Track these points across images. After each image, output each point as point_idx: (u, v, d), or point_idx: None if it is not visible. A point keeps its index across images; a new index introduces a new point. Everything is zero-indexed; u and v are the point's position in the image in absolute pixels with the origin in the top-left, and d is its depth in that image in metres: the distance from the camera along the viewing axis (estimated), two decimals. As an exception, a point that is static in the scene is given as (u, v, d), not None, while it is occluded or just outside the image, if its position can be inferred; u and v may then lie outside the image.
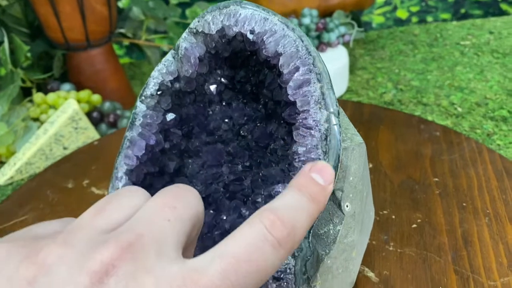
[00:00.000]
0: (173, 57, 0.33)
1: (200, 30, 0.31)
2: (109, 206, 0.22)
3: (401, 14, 1.00)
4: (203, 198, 0.34)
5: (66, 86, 0.69)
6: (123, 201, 0.22)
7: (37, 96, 0.65)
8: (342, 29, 0.73)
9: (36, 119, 0.66)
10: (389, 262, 0.39)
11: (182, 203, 0.22)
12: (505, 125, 0.60)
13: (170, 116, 0.34)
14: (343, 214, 0.30)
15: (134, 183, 0.34)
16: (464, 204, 0.44)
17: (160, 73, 0.34)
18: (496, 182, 0.46)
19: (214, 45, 0.31)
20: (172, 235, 0.20)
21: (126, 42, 0.78)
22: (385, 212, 0.44)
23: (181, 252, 0.21)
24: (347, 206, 0.30)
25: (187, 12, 0.74)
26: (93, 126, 0.65)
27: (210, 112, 0.35)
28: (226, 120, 0.35)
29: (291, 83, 0.28)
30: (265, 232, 0.20)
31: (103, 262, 0.18)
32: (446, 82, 0.71)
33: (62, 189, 0.53)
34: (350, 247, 0.32)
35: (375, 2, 0.98)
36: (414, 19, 0.98)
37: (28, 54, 0.72)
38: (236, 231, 0.21)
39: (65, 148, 0.62)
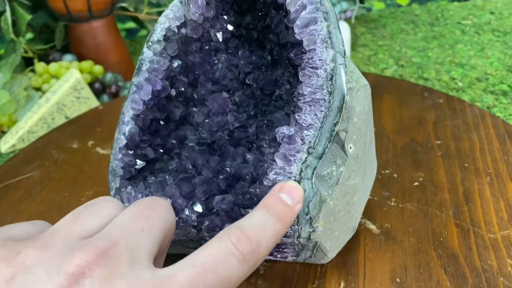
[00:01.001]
0: (180, 2, 0.33)
1: (208, -29, 0.31)
2: (85, 214, 0.23)
3: (402, 0, 1.00)
4: (209, 145, 0.35)
5: (68, 57, 0.69)
6: (99, 210, 0.24)
7: (39, 66, 0.65)
8: (344, 5, 0.74)
9: (38, 89, 0.67)
10: (391, 216, 0.39)
11: (155, 214, 0.24)
12: (505, 99, 0.60)
13: (176, 63, 0.35)
14: (346, 155, 0.31)
15: (140, 128, 0.34)
16: (466, 164, 0.45)
17: (167, 19, 0.34)
18: (498, 144, 0.47)
19: (221, -13, 0.32)
20: (145, 244, 0.22)
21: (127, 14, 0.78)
22: (387, 171, 0.45)
23: (152, 261, 0.22)
24: (350, 147, 0.31)
25: None
26: (95, 96, 0.65)
27: (216, 61, 0.36)
28: (232, 69, 0.35)
29: (298, 22, 0.29)
30: (231, 247, 0.22)
31: (80, 265, 0.20)
32: (446, 58, 0.72)
33: (67, 149, 0.53)
34: (352, 190, 0.32)
35: None
36: (415, 5, 0.98)
37: (30, 29, 0.72)
38: (207, 244, 0.23)
39: (66, 118, 0.63)
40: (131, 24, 1.00)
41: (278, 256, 0.35)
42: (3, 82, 0.63)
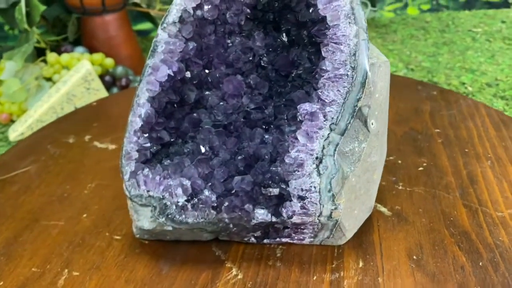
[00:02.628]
0: (197, -17, 0.33)
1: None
2: None
3: (412, 11, 1.00)
4: (224, 127, 0.35)
5: (80, 49, 0.69)
6: None
7: (51, 56, 0.65)
8: None
9: (48, 79, 0.67)
10: (400, 199, 0.40)
11: None
12: None
13: (191, 45, 0.35)
14: (369, 131, 0.31)
15: (156, 111, 0.34)
16: (466, 150, 0.46)
17: (183, 0, 0.34)
18: (495, 131, 0.48)
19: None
20: None
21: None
22: (391, 158, 0.45)
23: None
24: (372, 123, 0.31)
25: None
26: (105, 88, 0.65)
27: (230, 44, 0.36)
28: (246, 51, 0.35)
29: (321, -2, 0.29)
30: None
31: None
32: (457, 64, 0.72)
33: (63, 144, 0.52)
34: (372, 167, 0.33)
35: None
36: (426, 13, 0.98)
37: (43, 21, 0.73)
38: None
39: (76, 108, 0.62)
40: (142, 26, 1.00)
41: (295, 238, 0.35)
42: (15, 70, 0.63)
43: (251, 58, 0.35)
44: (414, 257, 0.34)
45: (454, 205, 0.39)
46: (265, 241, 0.36)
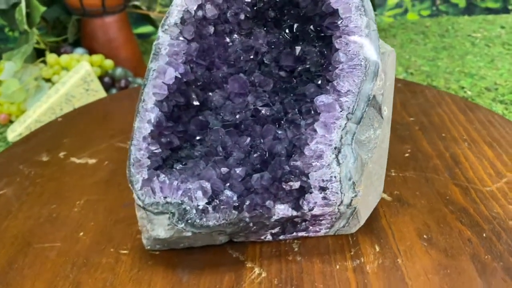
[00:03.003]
0: (198, -17, 0.33)
1: None
2: None
3: (412, 17, 1.00)
4: (235, 126, 0.34)
5: (80, 50, 0.70)
6: None
7: (50, 57, 0.66)
8: None
9: (48, 80, 0.66)
10: (396, 184, 0.42)
11: None
12: None
13: (194, 46, 0.34)
14: (382, 118, 0.32)
15: (164, 115, 0.33)
16: (443, 134, 0.49)
17: (184, 0, 0.33)
18: (463, 116, 0.52)
19: (245, -35, 0.32)
20: None
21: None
22: (377, 147, 0.47)
23: None
24: (385, 110, 0.32)
25: None
26: (104, 90, 0.66)
27: (230, 43, 0.36)
28: (247, 50, 0.35)
29: (333, -9, 0.30)
30: None
31: None
32: (456, 68, 0.73)
33: (36, 163, 0.49)
34: (385, 153, 0.34)
35: (387, 4, 0.97)
36: (425, 18, 0.99)
37: (43, 22, 0.73)
38: None
39: (75, 109, 0.61)
40: (143, 29, 0.98)
41: (312, 230, 0.36)
42: (14, 70, 0.63)
43: (252, 57, 0.36)
44: (424, 236, 0.36)
45: (446, 185, 0.41)
46: (281, 237, 0.36)
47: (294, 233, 0.36)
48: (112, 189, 0.44)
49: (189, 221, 0.32)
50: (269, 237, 0.36)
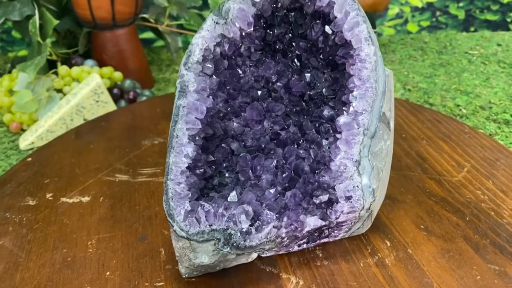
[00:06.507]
0: (216, 22, 0.35)
1: (251, -9, 0.34)
2: None
3: (412, 27, 1.01)
4: (258, 151, 0.37)
5: (90, 62, 0.72)
6: None
7: (62, 69, 0.68)
8: None
9: (59, 90, 0.69)
10: (382, 184, 0.48)
11: None
12: (507, 127, 0.63)
13: (214, 80, 0.36)
14: (390, 130, 0.37)
15: (198, 147, 0.35)
16: (403, 135, 0.56)
17: (204, 39, 0.35)
18: (413, 117, 0.60)
19: (261, 5, 0.35)
20: None
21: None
22: (353, 153, 0.53)
23: None
24: (392, 123, 0.37)
25: (209, 1, 0.75)
26: (113, 101, 0.68)
27: (242, 74, 0.38)
28: (259, 80, 0.38)
29: (345, 26, 0.34)
30: None
31: None
32: (452, 86, 0.76)
33: (23, 208, 0.46)
34: (390, 160, 0.39)
35: (387, 14, 0.98)
36: (424, 33, 1.01)
37: (54, 33, 0.76)
38: None
39: (85, 120, 0.65)
40: (147, 35, 0.98)
41: (332, 236, 0.40)
42: (27, 82, 0.66)
43: (263, 85, 0.39)
44: (422, 226, 0.42)
45: (422, 180, 0.48)
46: (304, 246, 0.39)
47: (318, 241, 0.39)
48: (119, 225, 0.44)
49: (234, 244, 0.34)
50: (296, 248, 0.39)
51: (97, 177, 0.51)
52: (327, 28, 0.35)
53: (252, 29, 0.36)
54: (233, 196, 0.35)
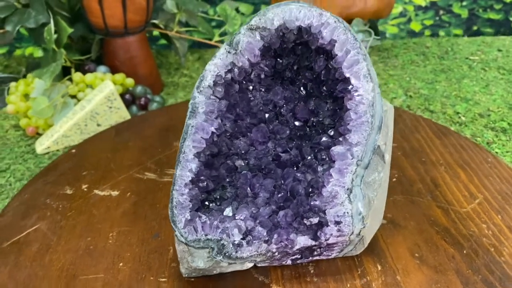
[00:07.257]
0: (228, 52, 0.39)
1: (261, 26, 0.37)
2: None
3: (415, 26, 1.03)
4: (259, 170, 0.40)
5: (102, 68, 0.76)
6: None
7: (76, 76, 0.72)
8: (360, 36, 0.81)
9: (73, 96, 0.72)
10: (388, 208, 0.49)
11: None
12: (504, 136, 0.65)
13: (224, 103, 0.40)
14: (384, 163, 0.39)
15: (202, 163, 0.39)
16: (423, 159, 0.57)
17: (216, 66, 0.39)
18: (438, 140, 0.60)
19: (269, 38, 0.38)
20: None
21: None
22: (368, 173, 0.54)
23: None
24: (387, 156, 0.39)
25: (217, 9, 0.80)
26: (125, 107, 0.72)
27: (252, 98, 0.41)
28: (267, 104, 0.41)
29: (345, 63, 0.36)
30: None
31: None
32: (453, 92, 0.76)
33: (61, 196, 0.53)
34: (385, 190, 0.41)
35: (391, 13, 0.98)
36: (427, 32, 1.02)
37: (67, 39, 0.78)
38: None
39: (98, 125, 0.69)
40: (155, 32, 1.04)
41: (325, 255, 0.42)
42: (44, 88, 0.69)
43: (271, 109, 0.42)
44: (416, 254, 0.43)
45: (430, 207, 0.49)
46: (298, 261, 0.42)
47: (310, 258, 0.42)
48: (139, 221, 0.49)
49: (226, 254, 0.38)
50: (289, 262, 0.42)
51: (129, 174, 0.56)
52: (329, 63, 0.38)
53: (259, 59, 0.38)
54: (228, 211, 0.38)
